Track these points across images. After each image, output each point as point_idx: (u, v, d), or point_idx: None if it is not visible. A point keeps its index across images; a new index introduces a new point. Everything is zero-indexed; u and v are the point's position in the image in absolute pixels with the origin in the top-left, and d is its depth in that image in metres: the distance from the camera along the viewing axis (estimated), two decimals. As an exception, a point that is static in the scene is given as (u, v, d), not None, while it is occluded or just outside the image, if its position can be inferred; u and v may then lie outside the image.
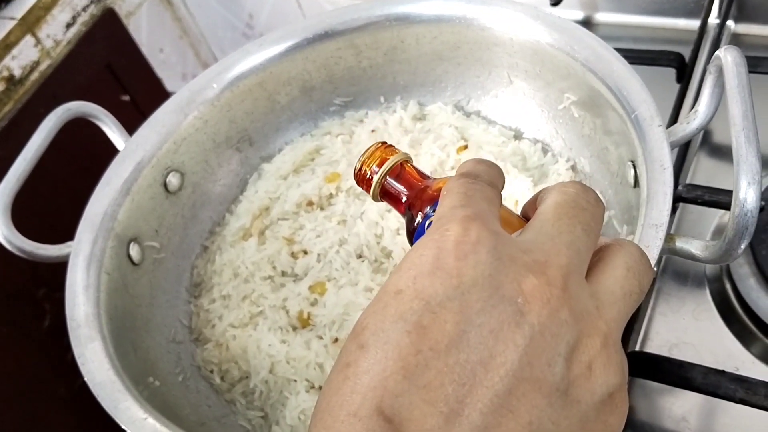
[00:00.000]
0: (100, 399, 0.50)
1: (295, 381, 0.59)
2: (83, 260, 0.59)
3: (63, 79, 1.24)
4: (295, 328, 0.63)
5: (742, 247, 0.44)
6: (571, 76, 0.62)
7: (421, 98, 0.75)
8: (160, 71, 1.44)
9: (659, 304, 0.65)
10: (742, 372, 0.58)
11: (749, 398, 0.53)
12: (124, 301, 0.61)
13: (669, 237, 0.48)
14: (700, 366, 0.56)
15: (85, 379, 0.52)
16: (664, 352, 0.62)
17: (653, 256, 0.46)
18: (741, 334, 0.61)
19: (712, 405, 0.57)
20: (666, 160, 0.50)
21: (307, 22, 0.71)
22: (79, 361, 0.53)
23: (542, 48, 0.63)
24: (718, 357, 0.61)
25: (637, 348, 0.63)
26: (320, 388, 0.59)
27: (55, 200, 1.11)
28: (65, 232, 0.64)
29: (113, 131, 0.69)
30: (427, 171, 0.68)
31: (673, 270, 0.66)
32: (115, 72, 1.35)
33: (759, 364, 0.60)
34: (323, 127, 0.76)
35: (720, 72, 0.50)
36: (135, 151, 0.66)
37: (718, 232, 0.67)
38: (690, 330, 0.63)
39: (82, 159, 1.03)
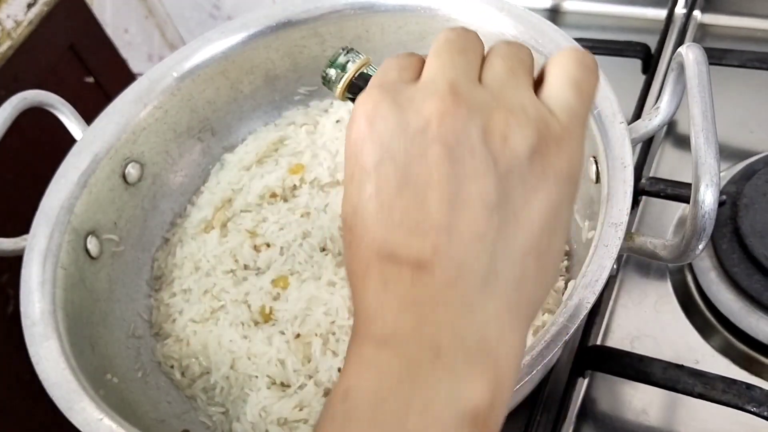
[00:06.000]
0: (55, 400, 0.49)
1: (257, 377, 0.59)
2: (38, 255, 0.58)
3: (24, 61, 1.21)
4: (257, 323, 0.62)
5: (701, 247, 0.44)
6: (535, 68, 0.61)
7: (386, 88, 0.74)
8: (125, 52, 1.41)
9: (621, 296, 0.65)
10: (702, 365, 0.59)
11: (707, 393, 0.53)
12: (81, 296, 0.60)
13: (629, 235, 0.48)
14: (660, 360, 0.56)
15: (40, 378, 0.51)
16: (625, 345, 0.62)
17: (612, 255, 0.46)
18: (702, 327, 0.62)
19: (672, 398, 0.58)
20: (627, 157, 0.49)
21: (270, 10, 0.70)
22: (34, 360, 0.52)
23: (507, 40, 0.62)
24: (679, 350, 0.61)
25: (599, 340, 0.63)
26: (281, 384, 0.58)
27: (12, 189, 1.09)
28: (23, 223, 0.63)
29: (71, 121, 0.67)
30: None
31: (635, 262, 0.67)
32: (78, 53, 1.32)
33: (719, 357, 0.60)
34: (287, 117, 0.75)
35: (682, 69, 0.50)
36: (92, 142, 0.64)
37: (680, 224, 0.67)
38: (651, 322, 0.63)
39: (41, 147, 1.01)
